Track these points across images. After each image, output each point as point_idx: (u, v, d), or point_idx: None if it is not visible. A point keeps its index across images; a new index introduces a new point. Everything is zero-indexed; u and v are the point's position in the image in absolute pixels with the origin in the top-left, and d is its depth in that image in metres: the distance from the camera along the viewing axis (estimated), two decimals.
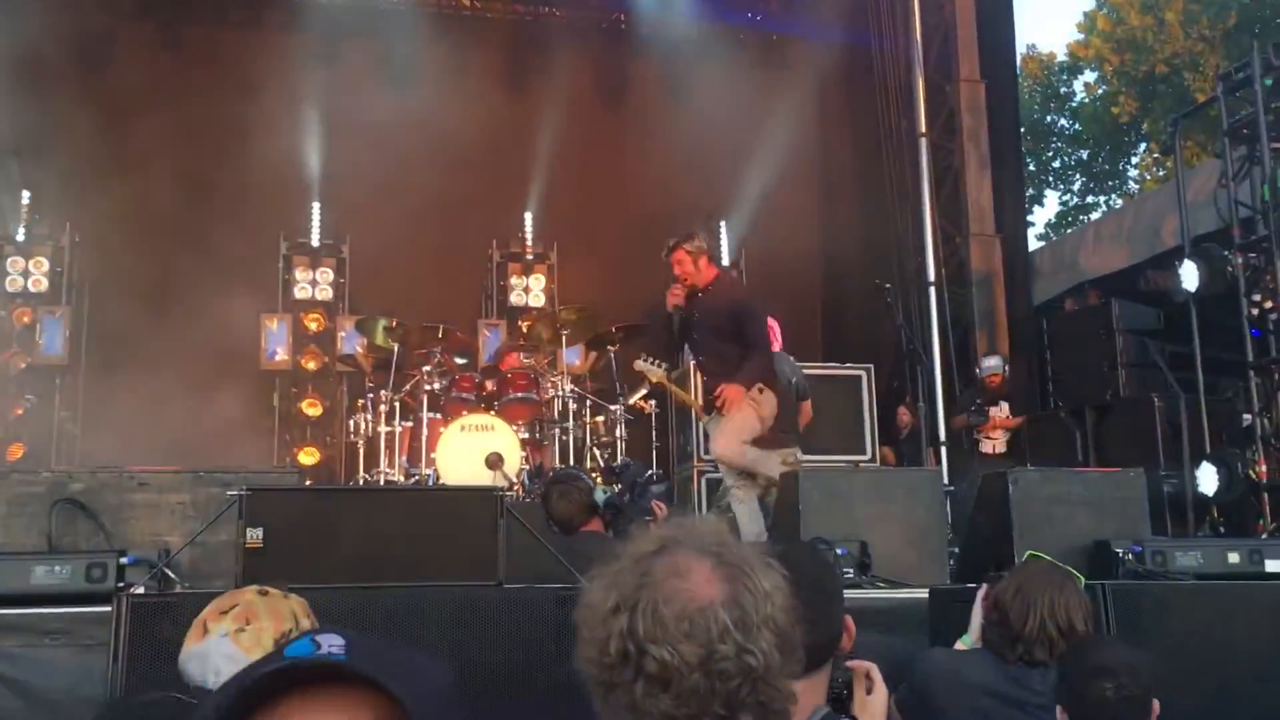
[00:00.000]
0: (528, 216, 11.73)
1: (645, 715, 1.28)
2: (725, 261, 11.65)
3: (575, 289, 11.40)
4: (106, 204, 10.35)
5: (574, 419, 8.72)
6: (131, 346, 10.13)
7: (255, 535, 3.12)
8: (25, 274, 10.59)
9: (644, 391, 9.15)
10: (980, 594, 3.44)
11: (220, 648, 2.30)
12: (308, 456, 10.87)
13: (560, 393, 8.79)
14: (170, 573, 4.25)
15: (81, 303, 10.87)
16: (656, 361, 7.39)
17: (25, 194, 10.74)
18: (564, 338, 9.29)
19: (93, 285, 10.97)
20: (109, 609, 3.77)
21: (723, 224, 12.10)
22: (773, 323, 7.28)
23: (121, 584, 4.15)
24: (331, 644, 1.00)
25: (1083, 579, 3.33)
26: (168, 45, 11.89)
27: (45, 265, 10.62)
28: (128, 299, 10.38)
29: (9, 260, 10.56)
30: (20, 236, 10.69)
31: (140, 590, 3.91)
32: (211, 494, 4.73)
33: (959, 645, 3.47)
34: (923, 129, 11.04)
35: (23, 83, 10.03)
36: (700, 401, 7.26)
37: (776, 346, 7.54)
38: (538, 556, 4.48)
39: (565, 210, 11.60)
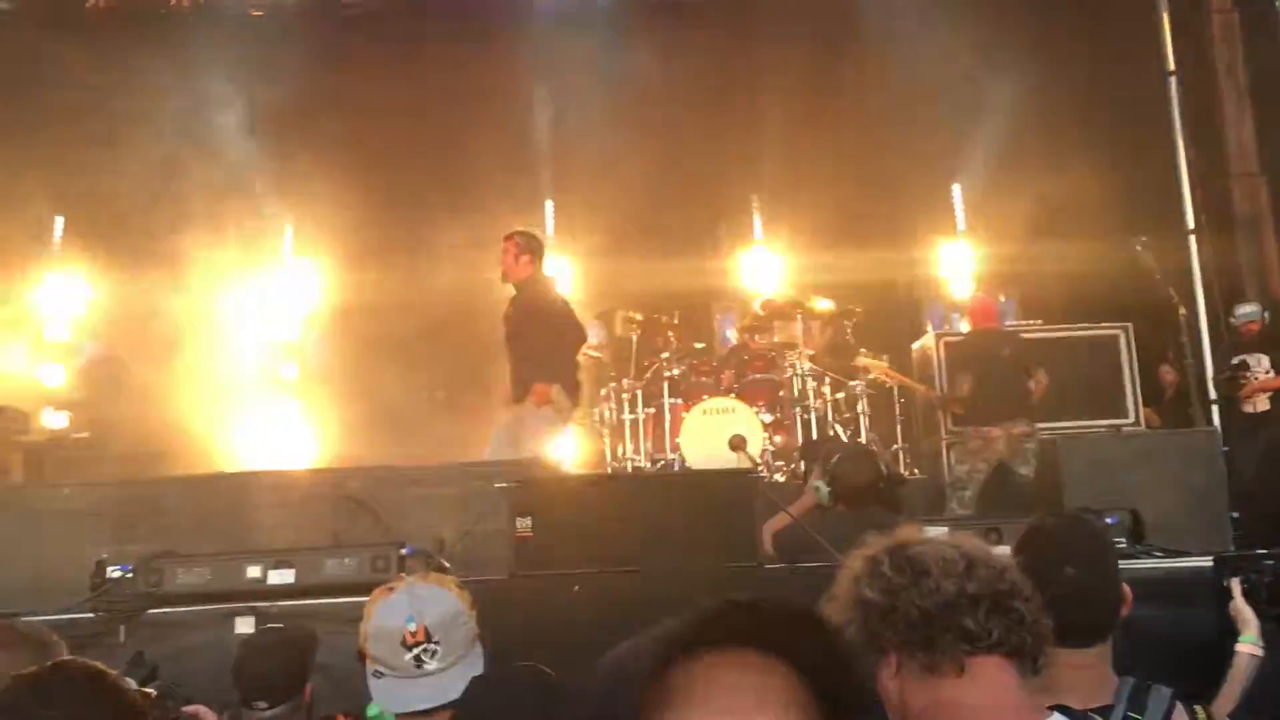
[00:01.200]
0: (754, 198, 11.69)
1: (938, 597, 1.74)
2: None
3: (809, 268, 11.28)
4: (344, 213, 10.95)
5: (815, 397, 8.65)
6: (379, 353, 10.66)
7: (524, 524, 3.25)
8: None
9: (874, 374, 8.99)
10: (1237, 587, 3.15)
11: (411, 588, 2.44)
12: (556, 449, 11.19)
13: (799, 371, 8.74)
14: (446, 562, 4.49)
15: (327, 312, 11.58)
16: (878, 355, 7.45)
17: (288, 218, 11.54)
18: (799, 316, 9.22)
19: (340, 294, 11.63)
20: None
21: (956, 189, 11.69)
22: (985, 301, 7.23)
23: (403, 574, 4.42)
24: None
25: None
26: (400, 60, 12.47)
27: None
28: (365, 307, 10.95)
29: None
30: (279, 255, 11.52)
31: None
32: (478, 487, 4.98)
33: (1242, 646, 3.16)
34: (1171, 65, 10.33)
35: (272, 116, 10.77)
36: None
37: (987, 323, 7.45)
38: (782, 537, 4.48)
39: (793, 189, 11.46)
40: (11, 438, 8.19)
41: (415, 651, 2.27)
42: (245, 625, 4.29)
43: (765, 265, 11.59)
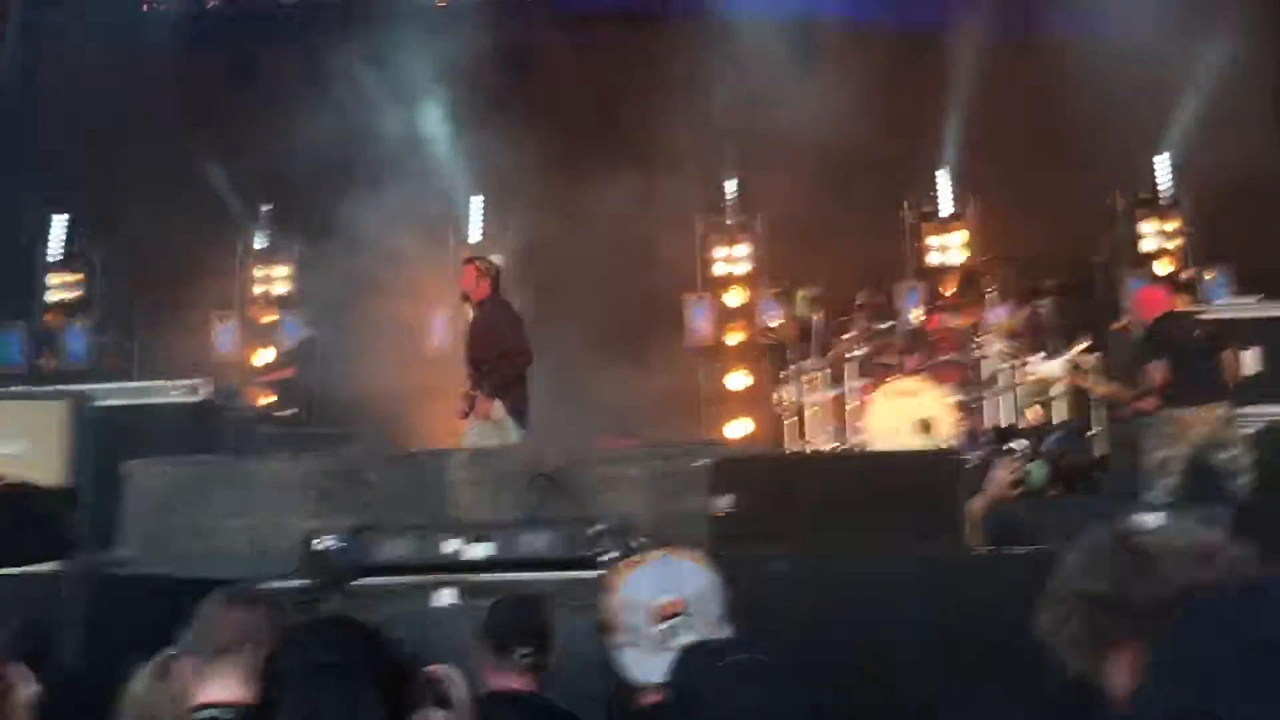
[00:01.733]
0: (941, 173, 11.36)
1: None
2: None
3: (997, 244, 10.91)
4: (538, 203, 11.19)
5: (1006, 379, 8.35)
6: (570, 334, 10.88)
7: (723, 502, 3.24)
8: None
9: (1083, 345, 8.60)
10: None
11: (662, 561, 2.43)
12: (736, 429, 11.21)
13: (990, 352, 8.46)
14: (638, 540, 4.53)
15: (525, 296, 11.85)
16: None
17: (477, 200, 11.87)
18: (989, 295, 8.91)
19: (537, 279, 11.93)
20: (593, 573, 4.11)
21: (1160, 158, 11.07)
22: (1152, 291, 6.89)
23: (595, 551, 4.49)
24: None
25: None
26: (582, 48, 12.64)
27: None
28: (564, 289, 11.22)
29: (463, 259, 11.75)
30: (474, 241, 11.85)
31: (615, 556, 4.18)
32: (666, 466, 5.01)
33: None
34: None
35: (474, 105, 11.09)
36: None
37: (1160, 309, 7.07)
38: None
39: (981, 162, 11.11)
40: (225, 414, 8.68)
41: (668, 624, 2.29)
42: (447, 597, 4.44)
43: (953, 242, 11.24)
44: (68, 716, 2.75)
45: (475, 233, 11.90)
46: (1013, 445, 7.28)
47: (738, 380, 11.50)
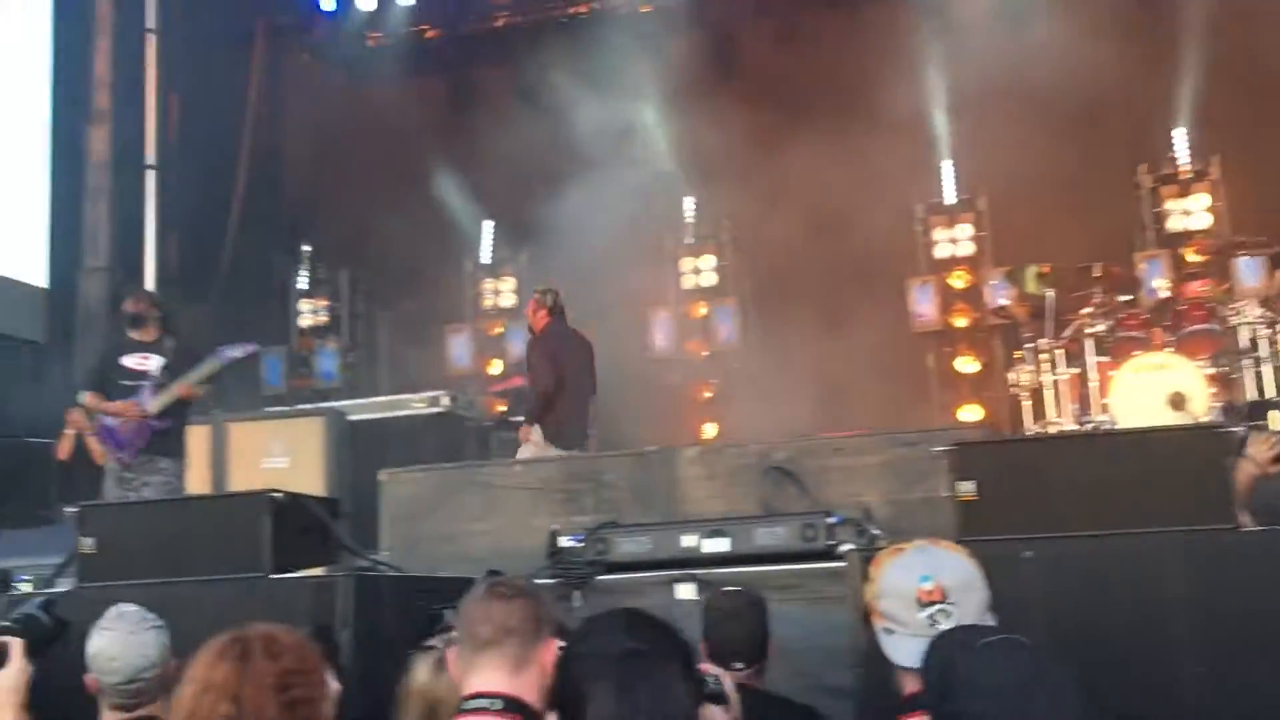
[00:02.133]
0: (1178, 132, 10.65)
1: None
2: None
3: (1246, 202, 10.14)
4: (749, 196, 11.20)
5: (1268, 346, 7.75)
6: (791, 327, 10.84)
7: (967, 488, 3.14)
8: (696, 271, 11.89)
9: None
10: None
11: (923, 550, 2.46)
12: (969, 413, 10.89)
13: (1246, 319, 7.87)
14: (875, 530, 4.46)
15: (745, 291, 11.92)
16: None
17: (689, 200, 12.01)
18: (1241, 258, 8.30)
19: (753, 274, 11.97)
20: (830, 565, 4.08)
21: None
22: None
23: (832, 542, 4.45)
24: None
25: None
26: (786, 42, 12.58)
27: (712, 261, 11.83)
28: (781, 285, 11.20)
29: (680, 260, 11.92)
30: (689, 239, 12.00)
31: (855, 547, 4.13)
32: (901, 454, 4.90)
33: None
34: None
35: (685, 105, 11.23)
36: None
37: None
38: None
39: (1224, 116, 10.34)
40: (465, 423, 9.11)
41: (930, 610, 2.30)
42: (687, 592, 4.50)
43: (1196, 205, 10.52)
44: (346, 711, 2.95)
45: (689, 234, 12.03)
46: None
47: (968, 363, 11.16)
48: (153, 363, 6.89)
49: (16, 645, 2.31)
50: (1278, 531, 3.13)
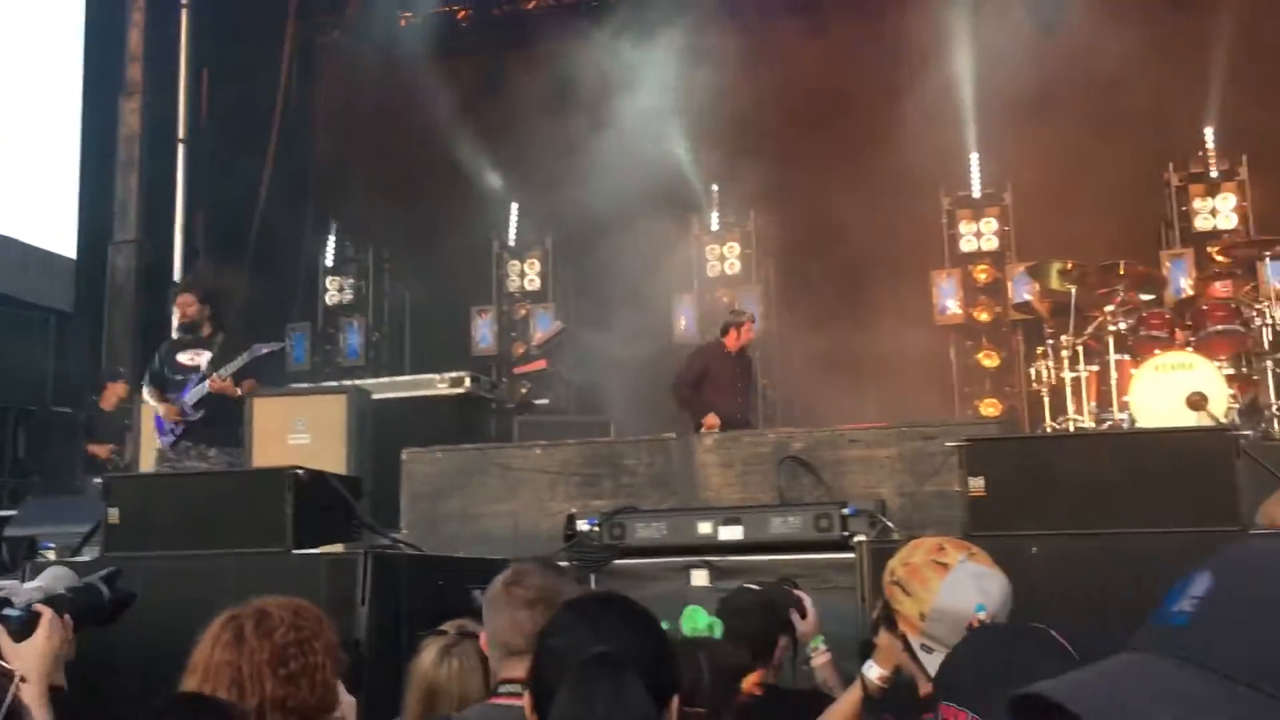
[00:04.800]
0: (1208, 131, 10.60)
1: None
2: None
3: (1273, 205, 10.09)
4: (781, 184, 11.22)
5: None
6: (816, 317, 10.86)
7: (977, 484, 3.18)
8: (721, 258, 11.94)
9: None
10: None
11: (968, 569, 2.43)
12: (989, 408, 10.89)
13: (1269, 320, 7.85)
14: (889, 522, 4.51)
15: (769, 281, 11.95)
16: None
17: (714, 187, 12.03)
18: (1267, 259, 8.27)
19: (776, 263, 12.00)
20: (842, 555, 4.13)
21: None
22: None
23: (845, 533, 4.50)
24: (1187, 597, 0.81)
25: None
26: (816, 35, 12.57)
27: (736, 249, 11.88)
28: (807, 273, 11.24)
29: (707, 247, 11.97)
30: (714, 225, 12.03)
31: (866, 539, 4.18)
32: (916, 448, 4.95)
33: None
34: None
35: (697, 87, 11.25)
36: None
37: None
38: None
39: (1253, 116, 10.28)
40: (488, 405, 9.19)
41: None
42: (700, 578, 4.57)
43: (1224, 205, 10.48)
44: (365, 687, 3.03)
45: (714, 221, 12.07)
46: None
47: (989, 358, 11.16)
48: (203, 358, 7.40)
49: (46, 614, 2.39)
50: None
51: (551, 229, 12.43)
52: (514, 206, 12.70)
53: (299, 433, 7.59)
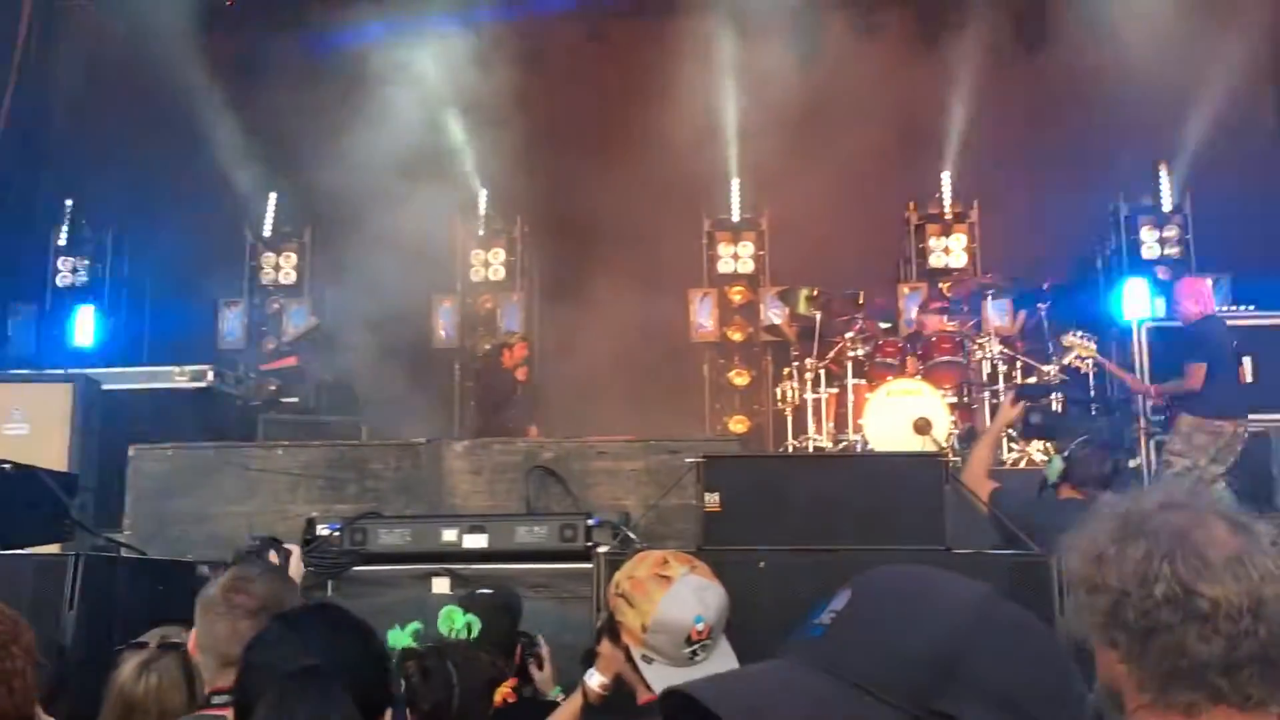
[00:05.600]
0: (945, 175, 11.41)
1: (1192, 657, 1.27)
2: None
3: (998, 246, 10.98)
4: (544, 193, 11.27)
5: (1004, 381, 8.41)
6: (576, 326, 10.98)
7: (712, 499, 3.30)
8: (486, 264, 11.87)
9: (1077, 352, 8.69)
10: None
11: (690, 582, 2.51)
12: (737, 425, 11.30)
13: (988, 354, 8.52)
14: (632, 534, 4.60)
15: (533, 287, 11.98)
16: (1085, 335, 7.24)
17: (483, 190, 11.96)
18: (989, 297, 8.97)
19: (541, 270, 12.04)
20: (586, 566, 4.18)
21: (1163, 167, 11.13)
22: (1200, 286, 7.20)
23: (590, 543, 4.56)
24: (828, 611, 0.93)
25: None
26: (594, 40, 12.72)
27: (502, 255, 11.83)
28: (570, 282, 11.32)
29: (472, 252, 11.87)
30: (481, 230, 11.94)
31: (606, 550, 4.25)
32: (662, 461, 5.08)
33: None
34: None
35: (475, 88, 11.15)
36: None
37: (1207, 307, 7.15)
38: (978, 522, 4.40)
39: (985, 165, 11.16)
40: (232, 401, 8.79)
41: (695, 647, 2.40)
42: (441, 585, 4.52)
43: (955, 245, 11.31)
44: (69, 697, 2.84)
45: (480, 225, 11.99)
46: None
47: (740, 377, 11.59)
48: None
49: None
50: (984, 554, 3.44)
51: (310, 222, 12.02)
52: (272, 197, 12.20)
53: (15, 423, 7.02)
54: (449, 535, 4.64)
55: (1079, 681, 1.00)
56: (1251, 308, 8.94)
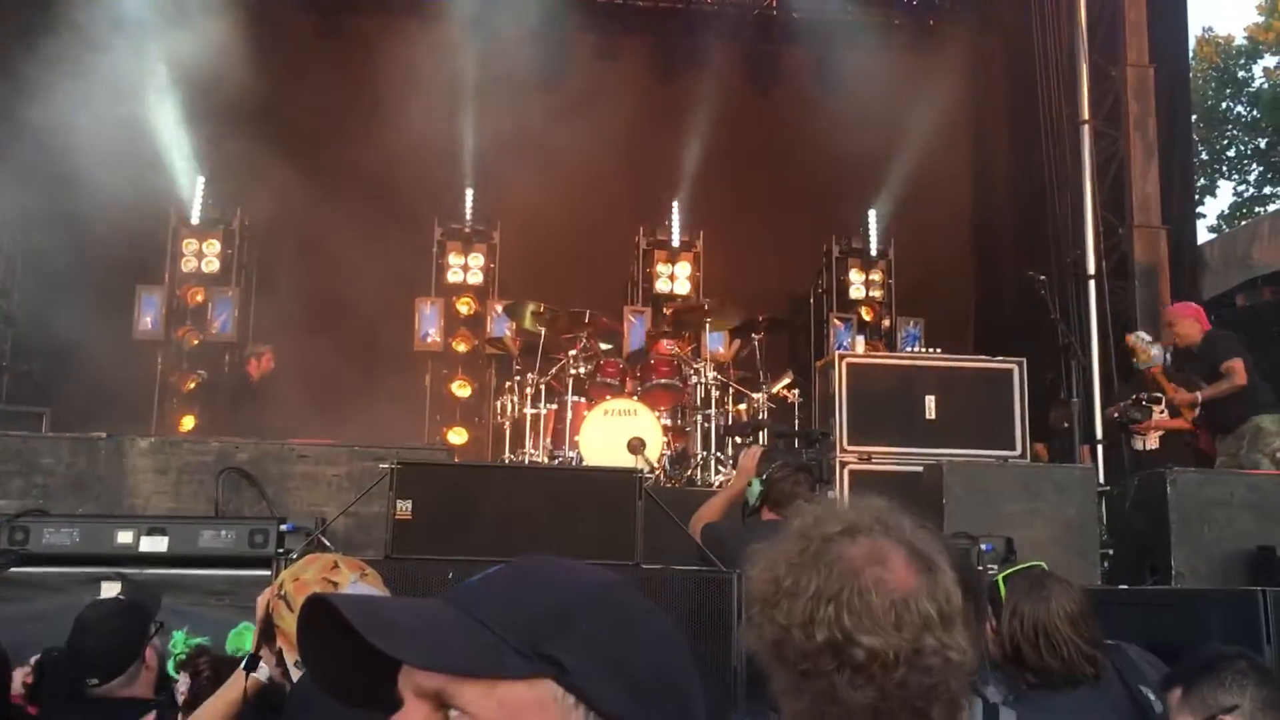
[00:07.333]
0: (675, 204, 11.78)
1: (842, 704, 1.25)
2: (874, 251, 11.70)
3: (720, 277, 11.42)
4: (272, 189, 10.77)
5: (716, 406, 8.72)
6: (294, 327, 10.57)
7: (404, 507, 3.24)
8: (199, 255, 11.19)
9: (787, 380, 9.14)
10: None
11: (358, 590, 2.43)
12: (457, 436, 11.18)
13: (703, 380, 8.81)
14: (326, 541, 4.45)
15: (250, 283, 11.42)
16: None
17: (200, 178, 11.30)
18: (708, 325, 9.30)
19: (260, 267, 11.52)
20: (269, 572, 4.00)
21: (871, 212, 11.95)
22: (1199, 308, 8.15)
23: (281, 550, 4.37)
24: (483, 574, 1.05)
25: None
26: (329, 35, 12.34)
27: (217, 247, 11.20)
28: (291, 280, 10.87)
29: (184, 241, 11.18)
30: (195, 219, 11.28)
31: (297, 555, 4.08)
32: (366, 467, 4.93)
33: None
34: (1085, 115, 10.59)
35: (198, 71, 10.51)
36: None
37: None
38: (678, 540, 4.52)
39: (713, 198, 11.60)
40: None
41: None
42: (110, 590, 4.21)
43: (680, 272, 11.69)
44: None
45: (195, 214, 11.33)
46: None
47: (462, 388, 11.49)
48: None
49: None
50: (671, 570, 3.53)
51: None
52: None
53: None
54: (124, 537, 4.35)
55: (696, 679, 1.02)
56: (938, 350, 9.69)
